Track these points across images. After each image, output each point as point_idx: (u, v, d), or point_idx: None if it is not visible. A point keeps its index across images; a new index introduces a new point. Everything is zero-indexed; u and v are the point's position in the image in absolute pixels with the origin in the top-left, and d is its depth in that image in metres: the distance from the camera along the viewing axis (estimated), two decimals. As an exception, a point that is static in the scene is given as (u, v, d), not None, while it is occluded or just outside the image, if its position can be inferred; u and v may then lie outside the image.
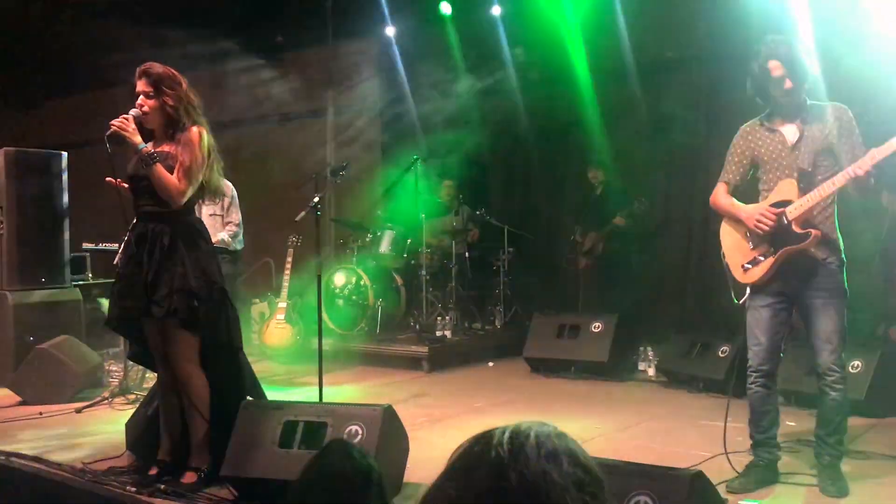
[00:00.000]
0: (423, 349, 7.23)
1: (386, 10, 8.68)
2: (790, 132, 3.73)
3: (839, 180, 3.52)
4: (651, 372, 6.64)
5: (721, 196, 3.93)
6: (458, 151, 8.71)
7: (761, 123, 3.83)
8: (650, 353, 6.73)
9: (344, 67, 9.02)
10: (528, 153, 9.00)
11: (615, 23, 7.71)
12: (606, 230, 7.77)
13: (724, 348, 5.84)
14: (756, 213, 3.72)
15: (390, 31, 8.88)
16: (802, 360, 4.92)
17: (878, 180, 3.53)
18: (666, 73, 7.93)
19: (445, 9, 8.46)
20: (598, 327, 6.73)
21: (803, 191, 3.63)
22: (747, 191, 3.93)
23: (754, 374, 3.82)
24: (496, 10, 8.35)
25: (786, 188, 3.69)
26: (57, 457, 4.34)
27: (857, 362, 5.20)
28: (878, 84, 5.77)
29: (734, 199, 3.89)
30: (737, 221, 3.84)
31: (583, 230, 8.05)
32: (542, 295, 8.81)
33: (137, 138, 3.69)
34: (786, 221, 3.64)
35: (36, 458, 4.29)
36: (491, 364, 7.51)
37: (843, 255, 3.74)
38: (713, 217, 4.34)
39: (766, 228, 3.67)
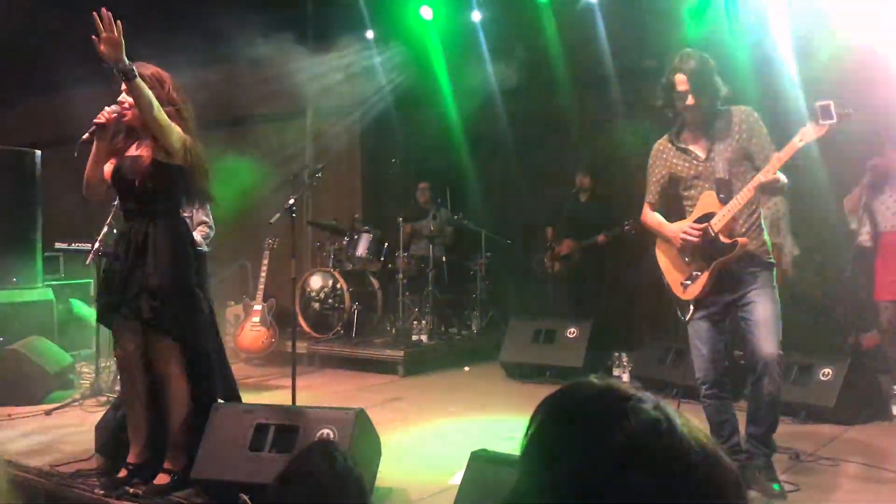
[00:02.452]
0: (399, 353, 7.22)
1: (366, 14, 8.68)
2: (700, 147, 3.75)
3: (753, 186, 3.52)
4: (626, 378, 6.66)
5: (648, 216, 3.97)
6: (437, 155, 8.72)
7: (671, 142, 3.84)
8: (625, 359, 6.76)
9: (323, 70, 9.00)
10: (506, 158, 9.02)
11: (595, 30, 7.76)
12: (587, 243, 7.69)
13: (698, 355, 5.87)
14: (680, 230, 3.74)
15: (370, 34, 8.88)
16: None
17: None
18: (645, 81, 7.97)
19: (426, 13, 8.48)
20: (574, 333, 6.75)
21: (724, 200, 3.63)
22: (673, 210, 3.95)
23: (704, 387, 3.80)
24: (476, 16, 8.38)
25: (707, 201, 3.70)
26: (25, 459, 4.29)
27: (827, 370, 5.26)
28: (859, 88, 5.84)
29: (661, 219, 3.91)
30: (668, 240, 3.86)
31: (558, 234, 7.99)
32: (518, 300, 8.82)
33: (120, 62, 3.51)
34: (712, 234, 3.64)
35: (3, 461, 4.23)
36: (467, 369, 7.51)
37: (772, 258, 3.75)
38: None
39: (693, 244, 3.69)
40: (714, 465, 0.86)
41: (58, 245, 7.44)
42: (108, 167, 3.80)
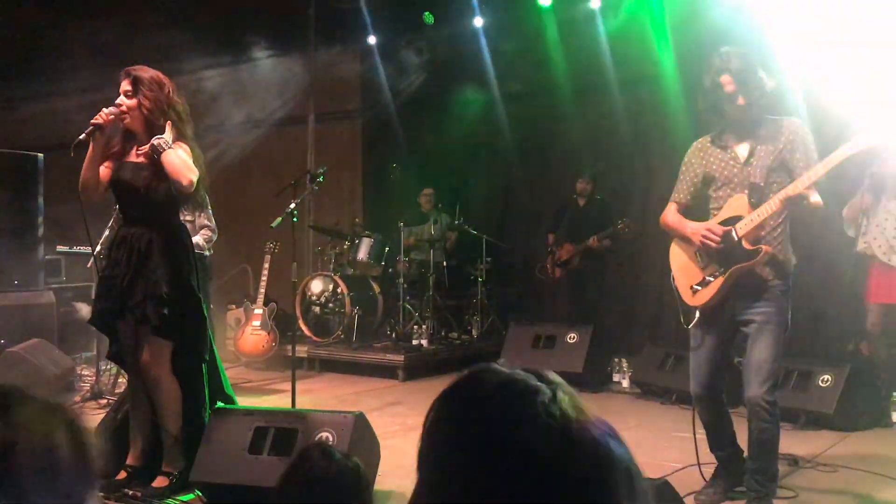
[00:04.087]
0: (399, 358, 7.22)
1: (368, 19, 8.70)
2: (742, 149, 3.56)
3: (781, 198, 3.37)
4: (625, 383, 6.68)
5: (670, 214, 3.79)
6: (438, 160, 8.73)
7: (712, 141, 3.67)
8: (625, 364, 6.77)
9: (325, 75, 9.04)
10: (507, 163, 9.04)
11: (596, 37, 7.78)
12: (584, 246, 7.71)
13: (698, 361, 5.87)
14: (702, 228, 3.55)
15: (372, 39, 8.90)
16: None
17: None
18: (645, 88, 7.98)
19: (428, 19, 8.50)
20: (574, 338, 6.75)
21: (754, 206, 3.45)
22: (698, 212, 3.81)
23: (698, 405, 3.70)
24: (478, 22, 8.40)
25: (736, 204, 3.52)
26: (25, 461, 4.29)
27: (827, 376, 5.27)
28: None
29: (683, 217, 3.74)
30: (685, 241, 3.68)
31: (558, 239, 7.99)
32: (518, 305, 8.84)
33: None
34: (735, 238, 3.46)
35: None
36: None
37: (790, 281, 3.53)
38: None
39: (713, 245, 3.50)
40: (601, 457, 0.85)
41: (59, 248, 7.45)
42: (105, 170, 3.80)
